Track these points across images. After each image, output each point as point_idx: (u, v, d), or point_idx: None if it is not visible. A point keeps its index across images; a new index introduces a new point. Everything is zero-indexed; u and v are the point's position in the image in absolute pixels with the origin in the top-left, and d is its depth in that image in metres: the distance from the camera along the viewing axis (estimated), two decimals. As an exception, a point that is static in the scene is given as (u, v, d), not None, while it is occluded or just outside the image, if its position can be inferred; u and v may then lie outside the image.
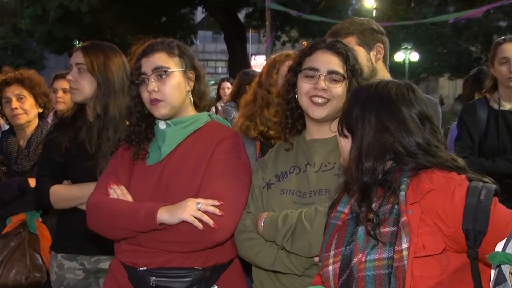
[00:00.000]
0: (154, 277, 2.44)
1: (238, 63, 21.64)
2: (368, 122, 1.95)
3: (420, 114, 1.96)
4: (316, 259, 2.29)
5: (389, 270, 1.78)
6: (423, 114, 1.97)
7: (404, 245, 1.78)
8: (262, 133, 3.32)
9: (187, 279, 2.43)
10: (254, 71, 7.17)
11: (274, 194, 2.47)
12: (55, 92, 4.83)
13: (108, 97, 3.05)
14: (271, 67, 3.39)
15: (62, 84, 4.87)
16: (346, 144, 2.04)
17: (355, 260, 1.86)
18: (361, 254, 1.85)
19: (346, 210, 2.03)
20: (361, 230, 1.90)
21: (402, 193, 1.86)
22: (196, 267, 2.44)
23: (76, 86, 3.07)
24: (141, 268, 2.46)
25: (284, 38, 27.32)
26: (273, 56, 3.48)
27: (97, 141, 3.05)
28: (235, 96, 6.45)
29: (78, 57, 3.08)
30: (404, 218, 1.82)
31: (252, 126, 3.34)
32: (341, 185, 2.08)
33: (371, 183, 1.91)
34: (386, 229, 1.83)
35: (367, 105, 1.98)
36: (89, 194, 2.66)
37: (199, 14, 29.83)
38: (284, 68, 3.19)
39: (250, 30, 32.98)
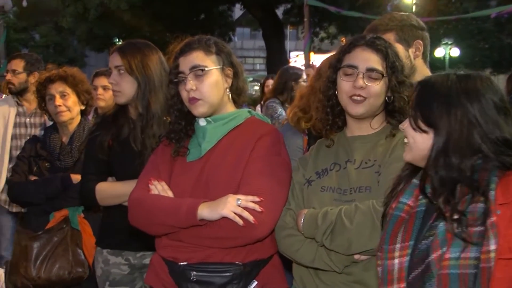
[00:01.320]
0: (194, 272, 2.46)
1: (276, 59, 21.64)
2: (454, 116, 1.88)
3: (505, 108, 1.90)
4: (357, 256, 2.28)
5: (475, 270, 1.76)
6: (506, 108, 1.90)
7: (492, 246, 1.75)
8: (314, 127, 3.31)
9: (227, 274, 2.44)
10: (296, 67, 7.17)
11: (315, 191, 2.47)
12: (95, 89, 4.86)
13: (149, 95, 3.09)
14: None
15: (102, 81, 4.92)
16: (424, 139, 1.96)
17: (433, 255, 1.84)
18: (440, 250, 1.82)
19: (411, 202, 1.99)
20: (442, 225, 1.86)
21: (492, 193, 1.81)
22: (236, 262, 2.45)
23: (118, 88, 3.11)
24: (181, 263, 2.49)
25: (323, 34, 27.20)
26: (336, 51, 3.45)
27: (141, 138, 3.09)
28: (277, 93, 6.44)
29: (116, 60, 3.12)
30: (493, 219, 1.77)
31: (303, 119, 3.31)
32: (403, 176, 2.05)
33: (458, 180, 1.86)
34: (473, 229, 1.79)
35: (452, 98, 1.90)
36: None
37: (237, 11, 29.88)
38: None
39: (288, 26, 32.94)
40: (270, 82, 7.77)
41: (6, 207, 5.05)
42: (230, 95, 2.64)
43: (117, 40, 25.67)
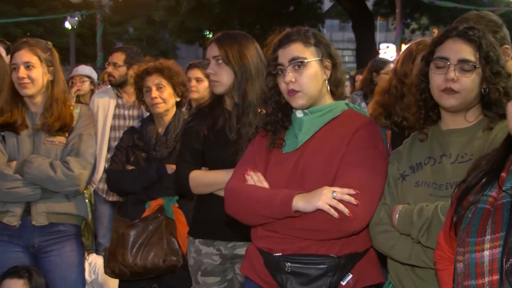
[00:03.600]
0: (289, 263, 2.46)
1: (365, 52, 21.38)
2: None
3: None
4: None
5: None
6: None
7: None
8: (396, 123, 3.25)
9: (322, 266, 2.43)
10: (384, 59, 7.05)
11: (409, 186, 2.42)
12: (188, 81, 4.90)
13: (246, 84, 3.12)
14: (407, 56, 3.30)
15: (196, 73, 4.99)
16: None
17: None
18: None
19: (494, 194, 1.93)
20: None
21: None
22: (331, 255, 2.44)
23: (216, 78, 3.15)
24: (276, 254, 2.49)
25: (414, 25, 26.62)
26: (410, 45, 3.39)
27: (237, 128, 3.13)
28: (364, 85, 6.39)
29: (213, 50, 3.16)
30: None
31: (383, 114, 3.29)
32: (486, 168, 1.97)
33: None
34: None
35: None
36: (226, 180, 2.72)
37: (327, 2, 29.64)
38: (420, 58, 3.10)
39: (378, 18, 32.41)
40: (360, 77, 7.71)
41: (104, 196, 5.21)
42: (328, 87, 2.62)
43: (208, 33, 26.08)
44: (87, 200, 3.85)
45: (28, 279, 3.33)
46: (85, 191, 3.80)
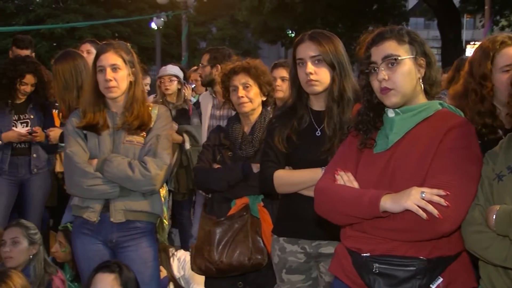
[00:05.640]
0: (377, 264, 2.44)
1: (451, 50, 20.83)
2: None
3: None
4: None
5: None
6: None
7: None
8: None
9: (411, 268, 2.40)
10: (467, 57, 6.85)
11: (506, 186, 2.35)
12: (273, 80, 4.93)
13: (344, 81, 3.16)
14: (484, 56, 3.07)
15: (281, 72, 5.00)
16: None
17: None
18: None
19: None
20: None
21: None
22: (420, 257, 2.40)
23: (316, 78, 3.17)
24: (365, 254, 2.48)
25: (503, 22, 25.71)
26: (483, 43, 3.17)
27: (334, 124, 3.15)
28: (450, 84, 6.22)
29: (310, 49, 3.17)
30: None
31: None
32: None
33: None
34: None
35: None
36: (310, 180, 2.73)
37: (411, 0, 29.08)
38: (501, 59, 3.00)
39: (465, 15, 31.52)
40: (445, 76, 7.51)
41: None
42: (422, 85, 2.58)
43: (290, 32, 26.10)
44: (162, 197, 3.91)
45: (119, 274, 3.42)
46: (160, 190, 3.87)
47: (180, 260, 4.79)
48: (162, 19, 23.12)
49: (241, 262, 3.72)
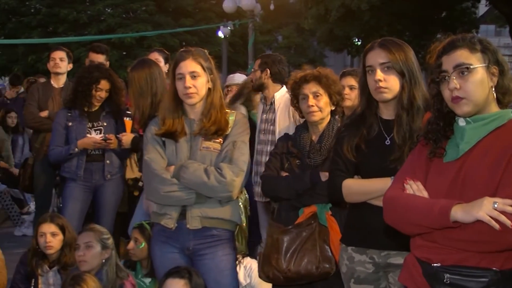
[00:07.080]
0: (448, 274, 2.41)
1: (524, 58, 20.21)
2: None
3: None
4: None
5: None
6: None
7: None
8: None
9: (483, 279, 2.35)
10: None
11: None
12: (342, 89, 4.94)
13: (414, 88, 3.13)
14: None
15: (349, 81, 4.98)
16: None
17: None
18: None
19: None
20: None
21: None
22: (493, 269, 2.35)
23: (385, 85, 3.15)
24: (435, 264, 2.45)
25: None
26: None
27: (403, 132, 3.13)
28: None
29: (380, 57, 3.15)
30: None
31: None
32: None
33: None
34: None
35: None
36: (380, 189, 2.71)
37: (482, 7, 28.41)
38: None
39: (538, 22, 30.55)
40: None
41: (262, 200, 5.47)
42: (495, 94, 2.53)
43: (356, 40, 25.89)
44: (241, 205, 3.92)
45: (189, 280, 3.47)
46: (240, 197, 3.86)
47: (247, 268, 4.81)
48: (229, 27, 23.33)
49: (308, 271, 3.72)
